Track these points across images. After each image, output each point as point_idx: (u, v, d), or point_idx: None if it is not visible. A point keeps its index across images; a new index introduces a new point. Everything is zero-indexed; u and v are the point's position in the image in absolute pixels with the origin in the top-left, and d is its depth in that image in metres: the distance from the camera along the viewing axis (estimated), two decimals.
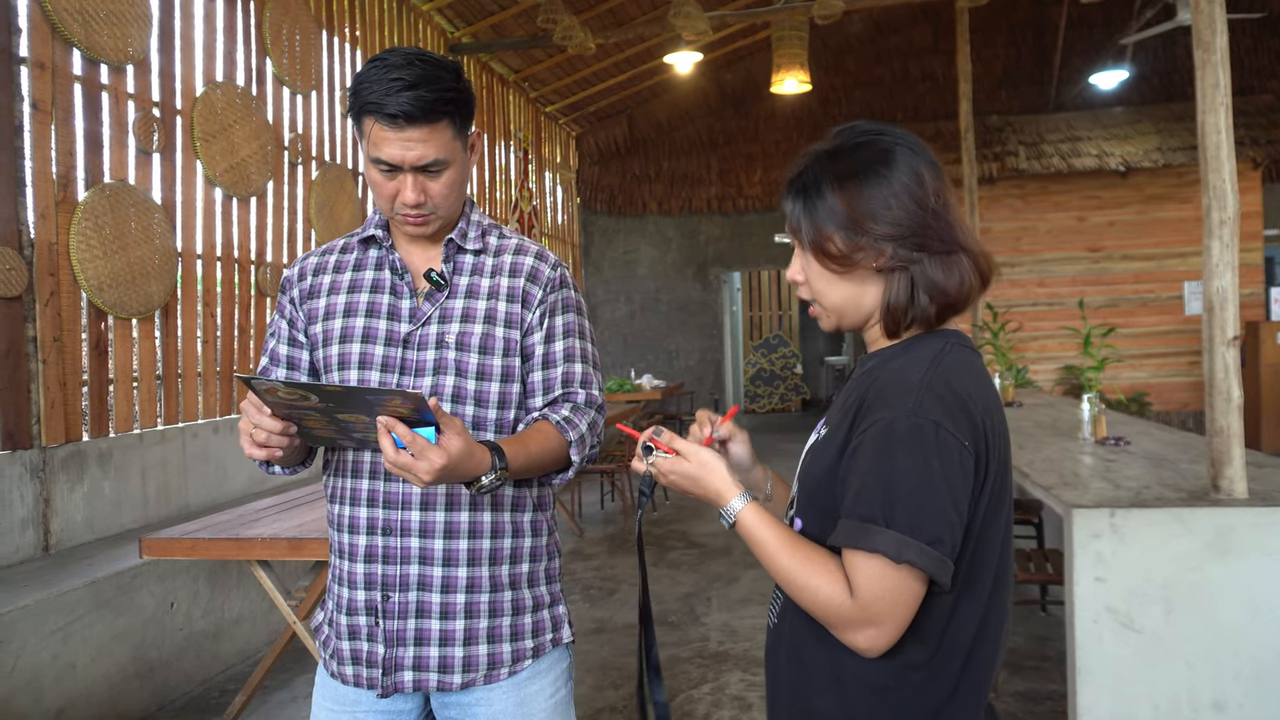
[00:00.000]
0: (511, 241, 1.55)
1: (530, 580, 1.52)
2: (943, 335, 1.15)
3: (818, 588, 1.07)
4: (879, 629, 1.04)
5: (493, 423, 1.47)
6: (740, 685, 3.65)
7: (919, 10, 10.48)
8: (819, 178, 1.14)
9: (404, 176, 1.40)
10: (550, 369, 1.51)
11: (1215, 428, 2.78)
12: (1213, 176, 2.74)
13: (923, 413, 1.04)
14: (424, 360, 1.45)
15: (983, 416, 1.08)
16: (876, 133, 1.15)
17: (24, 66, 3.65)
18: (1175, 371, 9.71)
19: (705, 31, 7.12)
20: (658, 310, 11.73)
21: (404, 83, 1.33)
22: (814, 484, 1.15)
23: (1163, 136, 9.63)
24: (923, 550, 1.01)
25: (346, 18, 6.18)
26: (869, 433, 1.06)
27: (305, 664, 3.95)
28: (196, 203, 4.65)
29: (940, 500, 1.03)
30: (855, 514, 1.05)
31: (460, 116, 1.41)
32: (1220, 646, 2.68)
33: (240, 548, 2.81)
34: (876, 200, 1.11)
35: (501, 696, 1.47)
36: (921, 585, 1.04)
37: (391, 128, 1.35)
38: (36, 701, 3.05)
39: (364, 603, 1.46)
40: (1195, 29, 2.75)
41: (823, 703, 1.14)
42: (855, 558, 1.04)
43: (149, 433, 4.30)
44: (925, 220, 1.11)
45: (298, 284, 1.55)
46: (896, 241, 1.11)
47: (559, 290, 1.53)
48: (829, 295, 1.17)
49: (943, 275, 1.11)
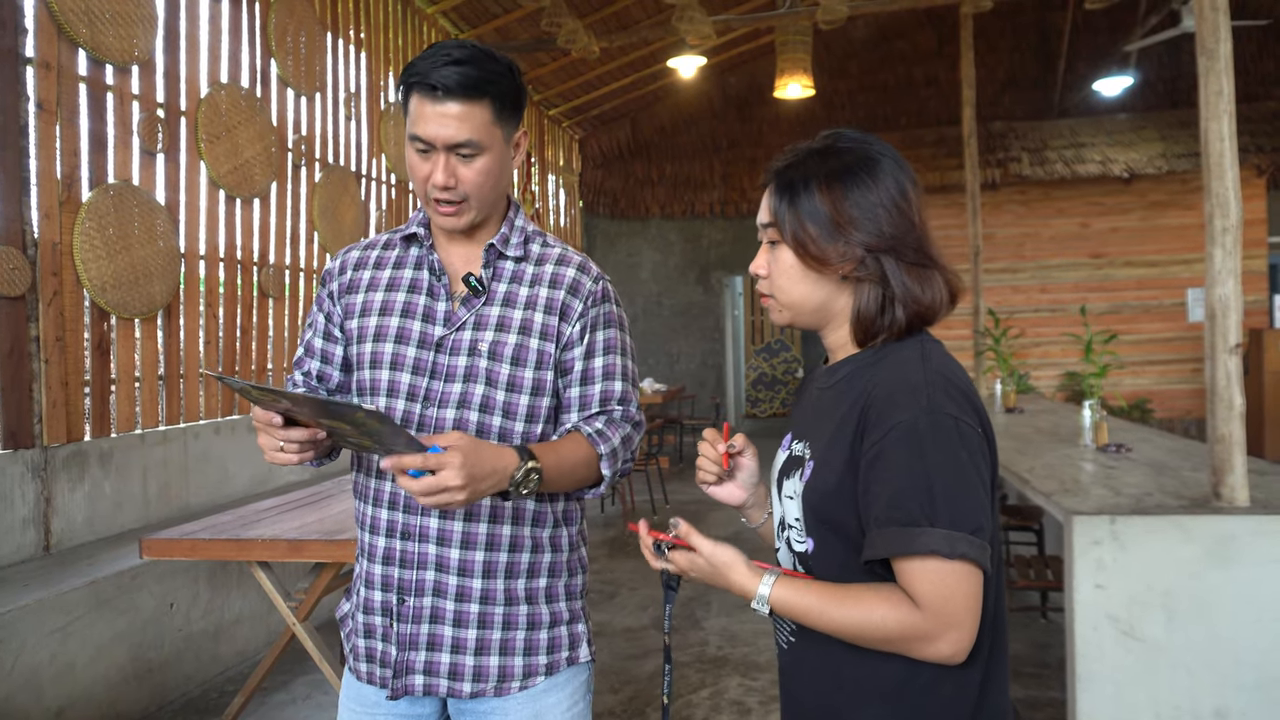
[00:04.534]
0: (554, 251, 1.52)
1: (549, 596, 1.49)
2: (915, 336, 1.16)
3: (882, 619, 1.04)
4: (959, 630, 1.03)
5: (519, 435, 1.45)
6: (739, 690, 3.65)
7: (923, 15, 10.47)
8: (807, 176, 1.15)
9: (437, 156, 1.38)
10: (589, 385, 1.48)
11: (1217, 435, 2.77)
12: (1215, 184, 2.74)
13: (939, 408, 1.05)
14: (455, 366, 1.43)
15: (979, 404, 1.11)
16: (864, 141, 1.17)
17: (29, 67, 3.66)
18: (1178, 378, 9.69)
19: (709, 35, 7.13)
20: (660, 314, 11.73)
21: (451, 59, 1.34)
22: (820, 501, 1.13)
23: (1167, 143, 9.63)
24: (971, 541, 1.01)
25: (351, 20, 6.19)
26: (889, 439, 1.05)
27: (304, 666, 3.95)
28: (200, 204, 4.66)
29: (976, 490, 1.04)
30: (894, 521, 1.03)
31: (502, 103, 1.39)
32: (1222, 655, 2.67)
33: (240, 549, 2.81)
34: (861, 206, 1.12)
35: (518, 707, 1.45)
36: (979, 575, 1.04)
37: (431, 99, 1.34)
38: (36, 701, 3.05)
39: (380, 603, 1.45)
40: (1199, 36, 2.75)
41: (868, 716, 1.12)
42: (909, 565, 1.03)
43: (150, 433, 4.31)
44: (905, 232, 1.12)
45: (338, 277, 1.54)
46: (874, 249, 1.12)
47: (600, 304, 1.49)
48: (791, 292, 1.18)
49: (920, 288, 1.13)
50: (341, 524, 2.94)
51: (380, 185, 6.60)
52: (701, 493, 6.40)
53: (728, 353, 12.03)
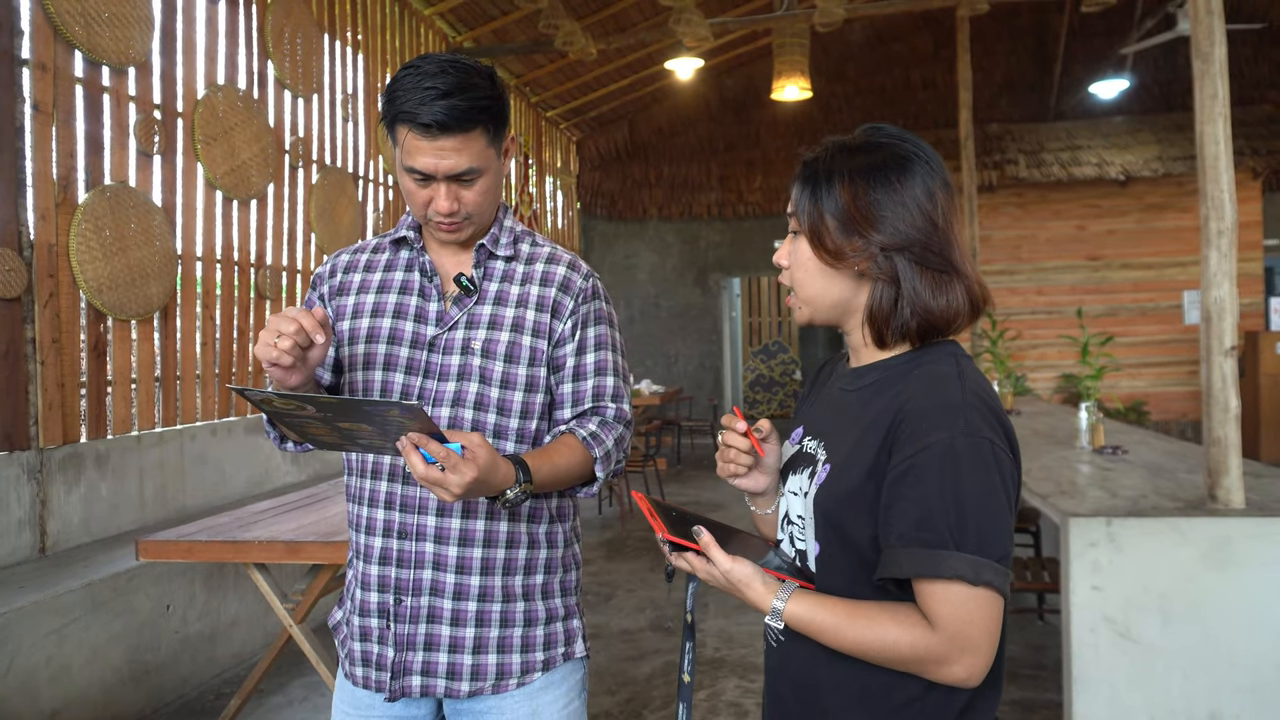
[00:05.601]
0: (544, 250, 1.54)
1: (545, 592, 1.50)
2: (947, 348, 1.14)
3: (896, 640, 1.03)
4: (975, 655, 1.01)
5: (515, 432, 1.46)
6: (736, 692, 3.65)
7: (920, 18, 10.49)
8: (832, 169, 1.13)
9: (437, 185, 1.38)
10: (581, 381, 1.49)
11: (1212, 438, 2.78)
12: (1211, 187, 2.75)
13: (976, 431, 1.03)
14: (448, 365, 1.45)
15: (1010, 427, 1.08)
16: (900, 139, 1.15)
17: (26, 68, 3.66)
18: (1174, 381, 9.71)
19: (706, 38, 7.14)
20: (657, 315, 11.73)
21: (437, 91, 1.31)
22: (835, 507, 1.11)
23: (1163, 146, 9.65)
24: (996, 569, 1.00)
25: (348, 22, 6.19)
26: (924, 456, 1.02)
27: (301, 668, 3.94)
28: (197, 205, 4.66)
29: (1004, 517, 1.02)
30: (920, 541, 1.01)
31: (494, 124, 1.39)
32: (1217, 657, 2.67)
33: (237, 550, 2.81)
34: (882, 205, 1.10)
35: (514, 705, 1.46)
36: (1000, 603, 1.02)
37: (425, 137, 1.34)
38: (31, 703, 3.05)
39: (377, 605, 1.46)
40: (1194, 39, 2.76)
41: (848, 719, 1.12)
42: (932, 587, 1.01)
43: (147, 435, 4.30)
44: (926, 236, 1.10)
45: (328, 280, 1.55)
46: (891, 250, 1.10)
47: (591, 301, 1.52)
48: (809, 286, 1.17)
49: (930, 294, 1.10)
50: (338, 526, 2.93)
51: (377, 187, 6.60)
52: (697, 494, 6.39)
53: (725, 354, 12.04)
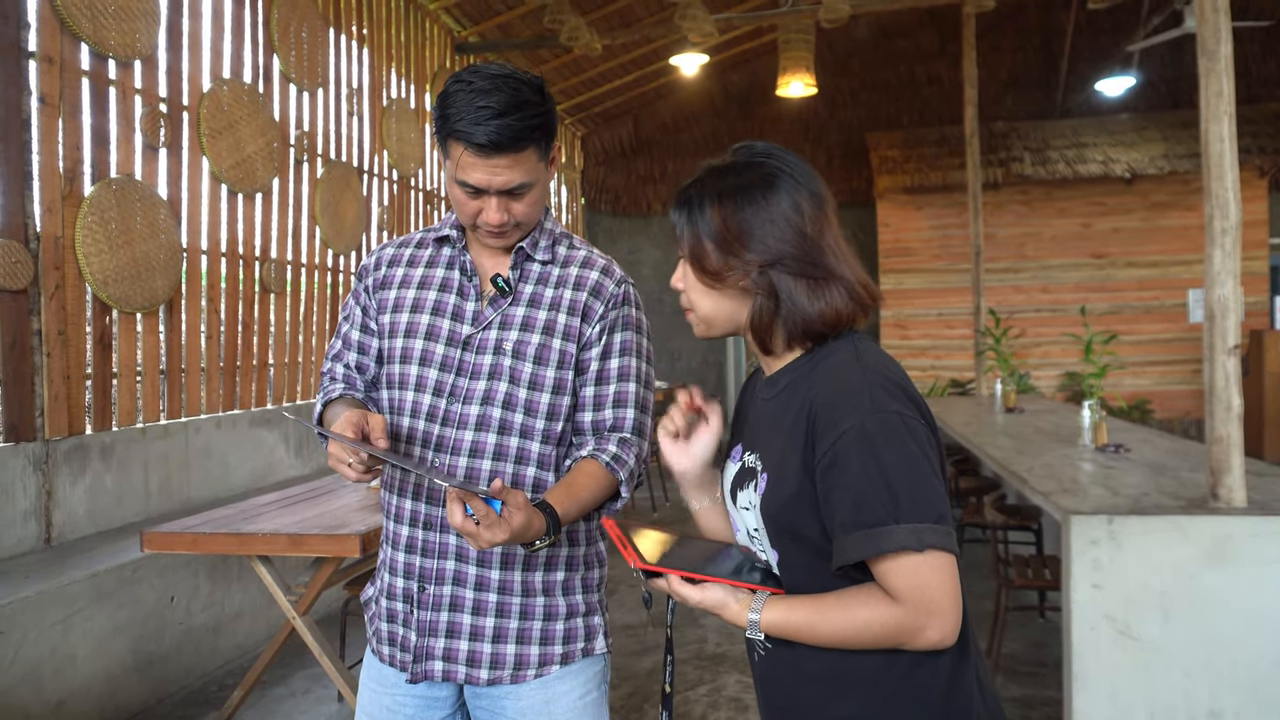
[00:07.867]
0: (579, 253, 1.56)
1: (565, 588, 1.53)
2: (846, 337, 1.19)
3: (868, 621, 1.07)
4: (942, 616, 1.05)
5: (540, 432, 1.49)
6: (737, 687, 3.66)
7: (925, 15, 10.46)
8: (703, 193, 1.18)
9: (488, 198, 1.41)
10: (603, 385, 1.52)
11: (1215, 436, 2.78)
12: (1215, 185, 2.74)
13: (883, 408, 1.07)
14: (480, 364, 1.48)
15: (917, 395, 1.13)
16: (766, 156, 1.19)
17: (32, 61, 3.67)
18: (1178, 379, 9.68)
19: (711, 34, 7.13)
20: (661, 312, 11.73)
21: (492, 110, 1.34)
22: (780, 512, 1.15)
23: (1169, 143, 9.61)
24: (936, 530, 1.04)
25: (354, 16, 6.19)
26: (841, 445, 1.07)
27: (304, 660, 3.96)
28: (202, 198, 4.67)
29: (931, 480, 1.06)
30: (861, 525, 1.05)
31: (545, 140, 1.42)
32: (1217, 655, 2.68)
33: (241, 543, 2.82)
34: (751, 223, 1.15)
35: (530, 693, 1.49)
36: (951, 560, 1.06)
37: (479, 155, 1.36)
38: (36, 693, 3.07)
39: (402, 590, 1.51)
40: (1200, 37, 2.75)
41: (841, 710, 1.14)
42: (884, 564, 1.05)
43: (152, 427, 4.32)
44: (797, 247, 1.15)
45: (373, 272, 1.59)
46: (764, 265, 1.15)
47: (621, 307, 1.54)
48: (701, 305, 1.22)
49: (808, 301, 1.15)
50: (342, 519, 2.95)
51: (382, 181, 6.60)
52: None
53: (728, 350, 12.04)
